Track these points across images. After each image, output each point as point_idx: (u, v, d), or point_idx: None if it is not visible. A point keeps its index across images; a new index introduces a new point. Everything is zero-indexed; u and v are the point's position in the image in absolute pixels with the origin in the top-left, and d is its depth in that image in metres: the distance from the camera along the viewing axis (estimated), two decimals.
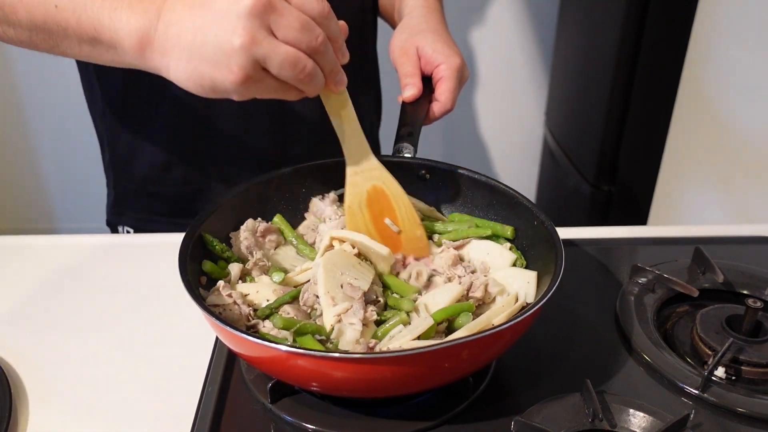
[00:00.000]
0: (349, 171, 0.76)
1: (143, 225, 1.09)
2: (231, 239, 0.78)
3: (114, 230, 1.12)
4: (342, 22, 0.66)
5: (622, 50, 1.74)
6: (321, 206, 0.84)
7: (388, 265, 0.75)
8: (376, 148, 1.20)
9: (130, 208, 1.09)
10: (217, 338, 0.77)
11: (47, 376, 0.75)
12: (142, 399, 0.72)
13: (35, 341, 0.80)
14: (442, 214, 0.86)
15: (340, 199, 0.83)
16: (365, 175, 0.77)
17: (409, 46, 0.91)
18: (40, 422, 0.69)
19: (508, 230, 0.79)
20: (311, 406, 0.68)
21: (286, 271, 0.77)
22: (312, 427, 0.66)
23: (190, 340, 0.79)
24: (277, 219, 0.82)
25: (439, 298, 0.70)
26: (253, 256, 0.77)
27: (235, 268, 0.75)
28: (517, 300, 0.72)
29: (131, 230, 1.10)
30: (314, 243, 0.82)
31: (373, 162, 0.76)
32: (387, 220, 0.78)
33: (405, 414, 0.67)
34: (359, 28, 1.06)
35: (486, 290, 0.72)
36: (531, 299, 0.72)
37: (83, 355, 0.78)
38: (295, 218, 0.85)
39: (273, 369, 0.64)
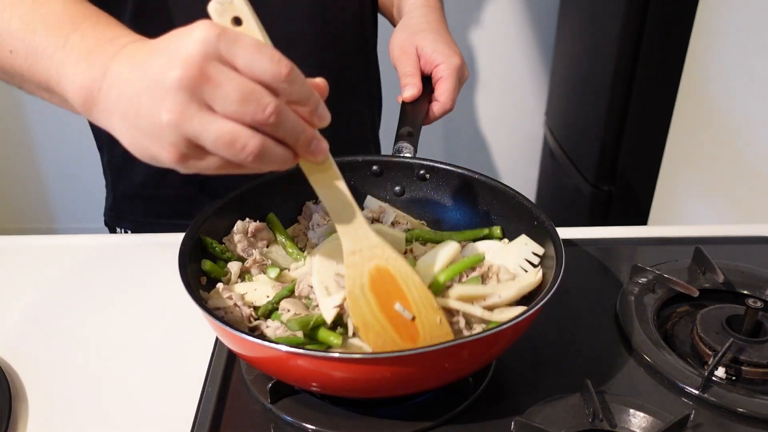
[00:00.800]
0: (346, 251, 0.65)
1: (141, 228, 1.09)
2: (225, 244, 0.78)
3: (112, 231, 1.12)
4: (319, 80, 0.58)
5: (622, 50, 1.74)
6: (315, 210, 0.84)
7: (399, 246, 0.74)
8: (376, 149, 1.20)
9: (129, 212, 1.09)
10: (217, 338, 0.77)
11: (47, 376, 0.75)
12: (141, 399, 0.72)
13: (35, 341, 0.80)
14: (442, 215, 0.86)
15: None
16: (365, 254, 0.65)
17: (408, 46, 0.91)
18: (40, 422, 0.69)
19: (497, 229, 0.80)
20: (311, 406, 0.68)
21: (282, 268, 0.77)
22: (312, 427, 0.66)
23: (190, 340, 0.79)
24: (271, 217, 0.82)
25: (432, 259, 0.70)
26: (250, 256, 0.77)
27: (234, 267, 0.75)
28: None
29: (129, 232, 1.10)
30: (305, 247, 0.81)
31: (373, 239, 0.65)
32: (397, 306, 0.66)
33: (405, 414, 0.67)
34: (358, 29, 1.06)
35: (497, 277, 0.73)
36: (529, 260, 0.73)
37: (83, 356, 0.78)
38: (293, 221, 0.85)
39: (273, 369, 0.64)
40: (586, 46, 2.02)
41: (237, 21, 0.54)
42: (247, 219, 0.80)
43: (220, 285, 0.70)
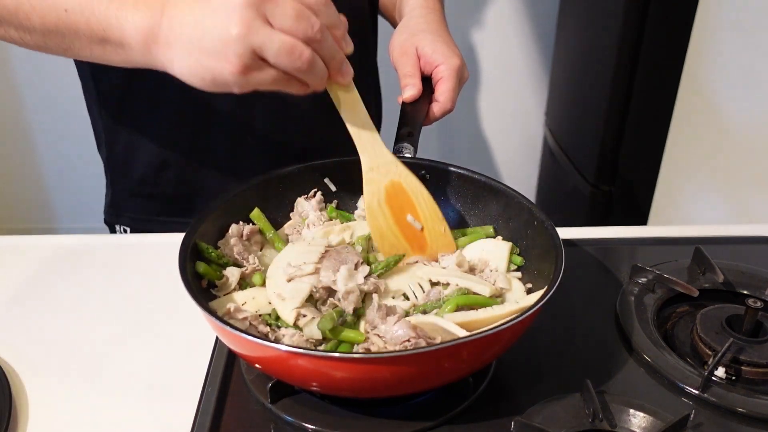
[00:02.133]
0: (365, 168, 0.75)
1: (140, 225, 1.09)
2: (220, 248, 0.77)
3: (112, 229, 1.12)
4: (342, 16, 0.66)
5: (622, 50, 1.74)
6: (306, 206, 0.83)
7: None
8: None
9: (127, 209, 1.09)
10: (217, 338, 0.77)
11: (47, 375, 0.75)
12: (142, 399, 0.72)
13: (35, 341, 0.80)
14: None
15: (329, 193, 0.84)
16: (381, 170, 0.75)
17: (408, 46, 0.91)
18: (40, 422, 0.69)
19: (489, 228, 0.81)
20: (311, 406, 0.68)
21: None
22: (312, 427, 0.66)
23: (190, 340, 0.79)
24: (255, 213, 0.81)
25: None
26: (249, 262, 0.76)
27: (234, 273, 0.74)
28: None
29: (128, 229, 1.10)
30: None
31: (388, 156, 0.75)
32: (409, 217, 0.76)
33: (405, 414, 0.67)
34: (357, 31, 1.05)
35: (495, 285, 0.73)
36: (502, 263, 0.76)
37: (83, 356, 0.78)
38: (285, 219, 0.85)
39: (273, 369, 0.64)
40: (586, 46, 2.02)
41: None
42: (241, 222, 0.79)
43: (231, 306, 0.68)
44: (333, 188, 0.86)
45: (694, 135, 1.82)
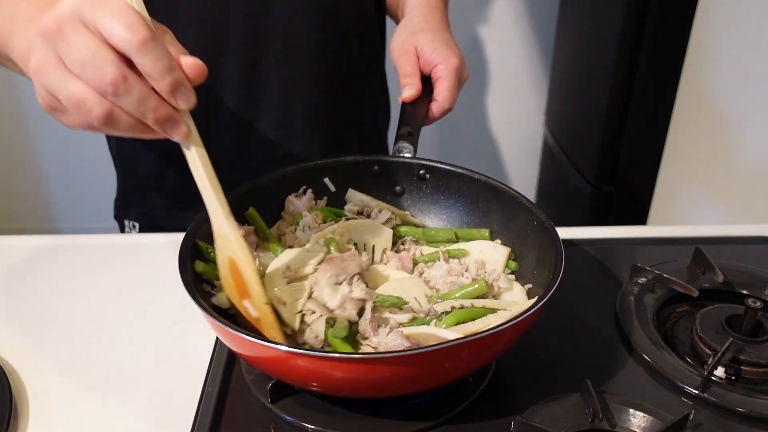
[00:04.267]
0: (213, 229, 0.65)
1: (148, 220, 1.09)
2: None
3: (121, 224, 1.12)
4: (192, 60, 0.54)
5: (622, 50, 1.74)
6: (298, 205, 0.83)
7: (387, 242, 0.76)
8: (383, 149, 1.20)
9: (135, 204, 1.10)
10: (217, 338, 0.77)
11: (47, 376, 0.75)
12: (142, 398, 0.72)
13: (35, 341, 0.80)
14: (442, 215, 0.86)
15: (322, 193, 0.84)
16: (221, 242, 0.65)
17: (408, 46, 0.91)
18: (41, 422, 0.69)
19: (485, 232, 0.81)
20: (311, 406, 0.68)
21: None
22: (312, 427, 0.66)
23: (190, 340, 0.79)
24: (251, 212, 0.80)
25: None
26: None
27: None
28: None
29: (137, 224, 1.10)
30: (294, 246, 0.79)
31: (228, 232, 0.63)
32: (245, 303, 0.65)
33: (405, 414, 0.67)
34: (364, 32, 1.06)
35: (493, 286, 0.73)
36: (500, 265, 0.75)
37: (83, 356, 0.78)
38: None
39: (273, 369, 0.64)
40: (586, 46, 2.02)
41: None
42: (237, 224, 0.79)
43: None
44: (332, 188, 0.86)
45: (694, 135, 1.82)
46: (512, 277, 0.78)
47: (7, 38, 0.63)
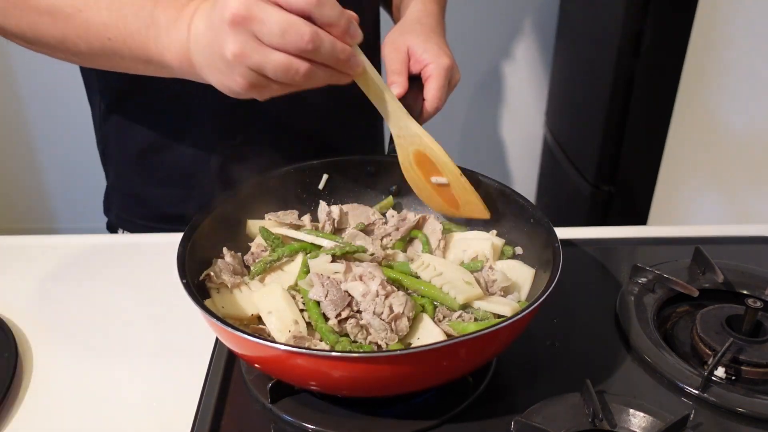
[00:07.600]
0: (393, 134, 0.80)
1: (124, 225, 1.09)
2: (212, 274, 0.75)
3: (112, 231, 1.12)
4: (340, 8, 0.63)
5: (622, 50, 1.74)
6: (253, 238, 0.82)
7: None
8: (381, 149, 1.20)
9: (114, 205, 1.10)
10: (217, 338, 0.77)
11: (47, 376, 0.75)
12: (142, 399, 0.72)
13: (34, 342, 0.80)
14: (441, 215, 0.86)
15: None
16: (406, 138, 0.79)
17: (400, 44, 0.91)
18: (41, 422, 0.69)
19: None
20: (311, 406, 0.68)
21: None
22: (312, 427, 0.66)
23: (190, 340, 0.79)
24: (261, 230, 0.79)
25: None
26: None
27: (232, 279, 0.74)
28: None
29: (124, 231, 1.10)
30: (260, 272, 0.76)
31: (413, 128, 0.78)
32: (434, 179, 0.80)
33: (405, 414, 0.67)
34: (372, 43, 1.06)
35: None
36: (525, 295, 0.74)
37: (83, 356, 0.78)
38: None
39: (273, 369, 0.64)
40: (586, 47, 2.02)
41: None
42: (225, 249, 0.77)
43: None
44: (321, 186, 0.88)
45: (693, 135, 1.82)
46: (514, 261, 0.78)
47: (153, 43, 0.69)
